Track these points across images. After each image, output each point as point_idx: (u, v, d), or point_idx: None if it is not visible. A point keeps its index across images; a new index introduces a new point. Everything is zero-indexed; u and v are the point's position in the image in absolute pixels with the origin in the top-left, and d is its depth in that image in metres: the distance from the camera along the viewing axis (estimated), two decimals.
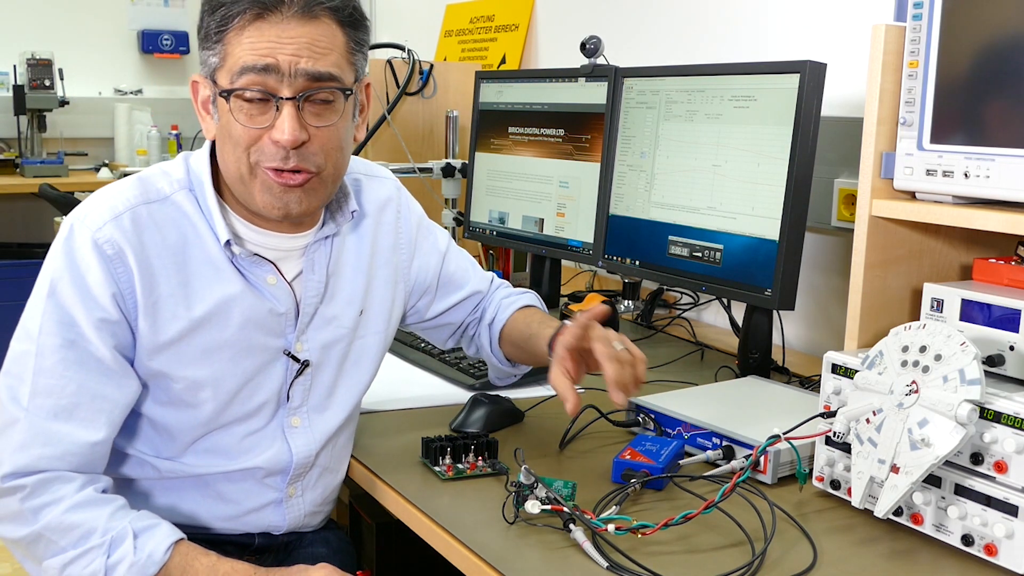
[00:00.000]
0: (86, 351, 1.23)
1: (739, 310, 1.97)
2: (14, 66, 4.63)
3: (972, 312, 1.28)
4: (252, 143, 1.24)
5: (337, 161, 1.29)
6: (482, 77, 2.51)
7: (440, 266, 1.56)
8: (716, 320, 2.35)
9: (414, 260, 1.53)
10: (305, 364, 1.37)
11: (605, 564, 1.11)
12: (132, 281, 1.25)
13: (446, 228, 2.64)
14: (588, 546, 1.14)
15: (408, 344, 1.98)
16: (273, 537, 1.43)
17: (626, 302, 2.38)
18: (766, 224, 1.72)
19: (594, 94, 2.17)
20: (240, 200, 1.31)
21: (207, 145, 1.34)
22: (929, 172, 1.35)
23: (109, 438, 1.26)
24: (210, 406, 1.31)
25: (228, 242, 1.28)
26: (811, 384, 1.77)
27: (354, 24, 1.27)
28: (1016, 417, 1.09)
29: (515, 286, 2.62)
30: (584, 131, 2.20)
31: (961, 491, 1.14)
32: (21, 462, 1.21)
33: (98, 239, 1.24)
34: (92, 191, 1.34)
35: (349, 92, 1.27)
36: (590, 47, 2.16)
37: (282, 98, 1.22)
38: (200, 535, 1.34)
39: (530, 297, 1.64)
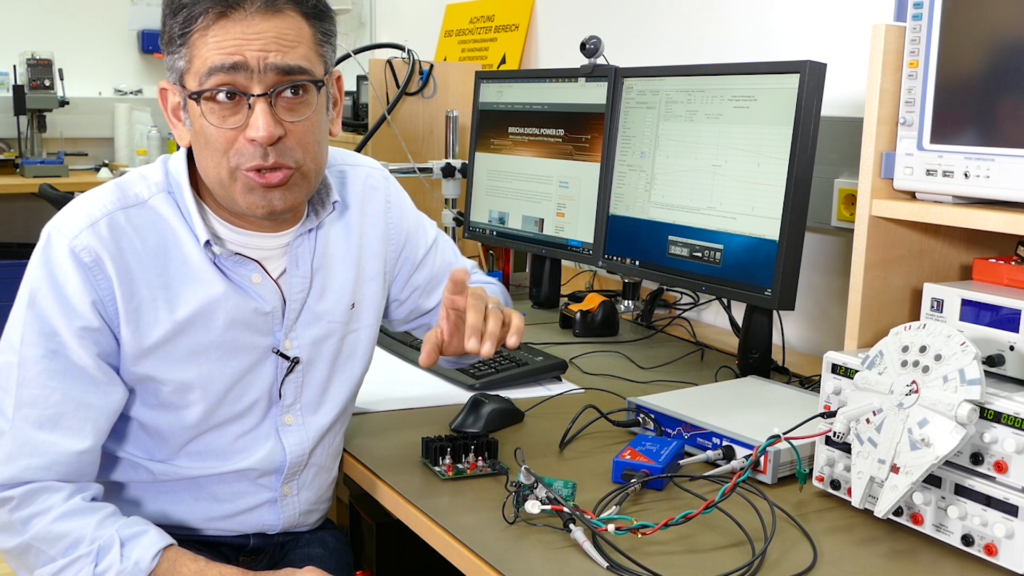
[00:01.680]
0: (68, 360, 1.23)
1: (739, 310, 1.98)
2: (14, 66, 4.63)
3: (972, 312, 1.28)
4: (229, 147, 1.22)
5: (316, 155, 1.28)
6: (482, 77, 2.51)
7: (434, 259, 1.55)
8: (716, 320, 2.35)
9: (403, 251, 1.51)
10: (295, 361, 1.36)
11: (605, 564, 1.11)
12: (111, 288, 1.24)
13: (446, 228, 2.64)
14: (588, 546, 1.14)
15: (408, 344, 1.98)
16: (268, 538, 1.43)
17: (626, 302, 2.38)
18: (766, 224, 1.72)
19: (594, 94, 2.17)
20: (222, 204, 1.30)
21: (184, 148, 1.32)
22: (929, 172, 1.35)
23: (96, 446, 1.26)
24: (199, 408, 1.30)
25: (208, 243, 1.27)
26: (811, 384, 1.77)
27: (319, 15, 1.25)
28: (1016, 417, 1.09)
29: (515, 286, 2.65)
30: (584, 131, 2.20)
31: (961, 491, 1.14)
32: (8, 474, 1.21)
33: (75, 247, 1.23)
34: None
35: (321, 84, 1.25)
36: (590, 47, 2.16)
37: (253, 95, 1.20)
38: (194, 538, 1.34)
39: (493, 289, 1.59)
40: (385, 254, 1.47)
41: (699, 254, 1.85)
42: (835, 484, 1.29)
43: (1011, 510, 1.09)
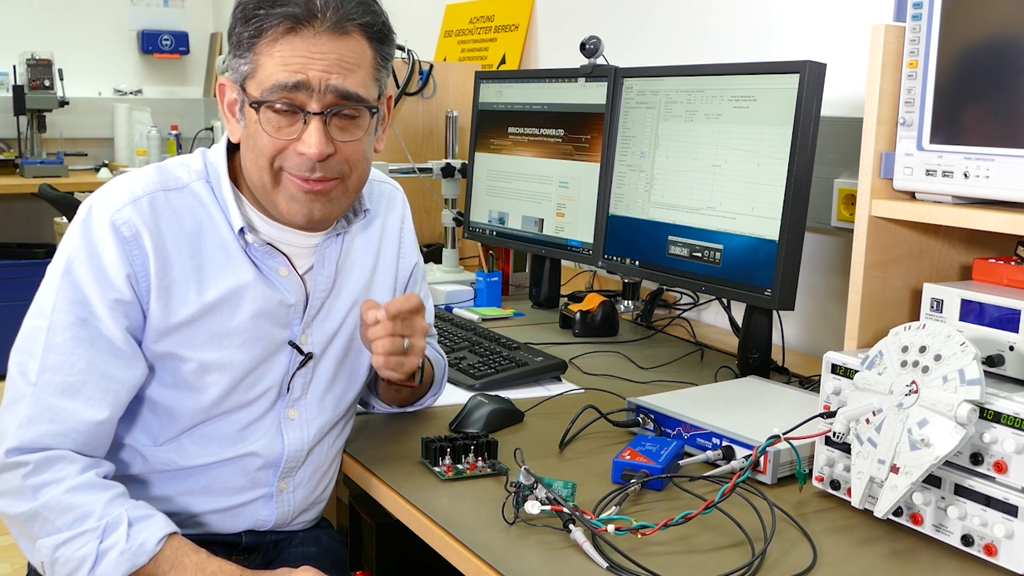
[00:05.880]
0: (97, 330, 1.25)
1: (739, 310, 1.97)
2: (14, 66, 4.63)
3: (972, 312, 1.28)
4: (277, 153, 1.27)
5: (361, 171, 1.33)
6: (482, 77, 2.51)
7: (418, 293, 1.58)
8: (716, 320, 2.35)
9: (410, 277, 1.55)
10: (308, 356, 1.38)
11: (605, 564, 1.11)
12: (147, 263, 1.27)
13: (446, 228, 2.65)
14: (588, 546, 1.14)
15: None
16: (260, 535, 1.44)
17: (626, 302, 2.38)
18: (766, 224, 1.72)
19: (594, 94, 2.17)
20: (263, 204, 1.34)
21: (224, 139, 1.37)
22: (929, 172, 1.35)
23: (113, 418, 1.28)
24: (215, 390, 1.32)
25: (242, 230, 1.31)
26: (811, 384, 1.77)
27: (382, 39, 1.30)
28: (1016, 417, 1.09)
29: (515, 286, 2.64)
30: (584, 131, 2.20)
31: (961, 491, 1.14)
32: (26, 437, 1.22)
33: (116, 220, 1.26)
34: (92, 191, 1.35)
35: (375, 110, 1.30)
36: (590, 47, 2.16)
37: (310, 112, 1.24)
38: (186, 534, 1.34)
39: (437, 359, 1.62)
40: (396, 273, 1.52)
41: (699, 254, 1.85)
42: (835, 484, 1.29)
43: (1011, 510, 1.09)
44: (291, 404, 1.39)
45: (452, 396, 1.70)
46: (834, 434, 1.24)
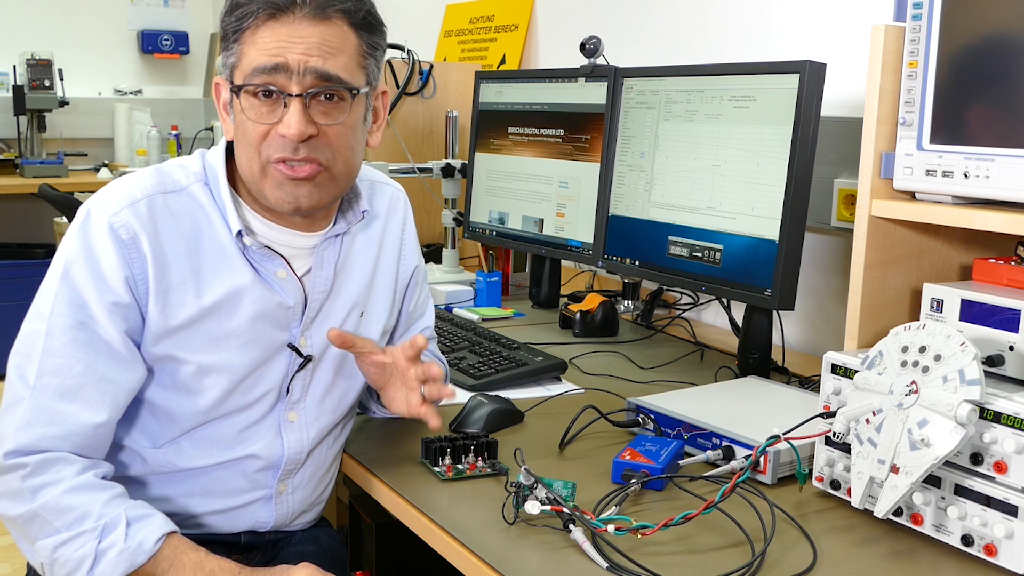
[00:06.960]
0: (95, 333, 1.25)
1: (739, 310, 1.97)
2: (14, 66, 4.63)
3: (972, 312, 1.28)
4: (262, 140, 1.27)
5: (347, 159, 1.31)
6: (482, 77, 2.51)
7: (416, 297, 1.59)
8: (716, 320, 2.35)
9: (410, 279, 1.55)
10: (308, 359, 1.38)
11: (605, 564, 1.11)
12: (145, 266, 1.27)
13: (446, 228, 2.65)
14: (588, 547, 1.14)
15: None
16: (259, 535, 1.44)
17: (626, 302, 2.38)
18: (766, 224, 1.72)
19: (594, 94, 2.17)
20: (255, 196, 1.34)
21: (223, 142, 1.37)
22: (929, 172, 1.35)
23: (112, 421, 1.28)
24: (214, 393, 1.32)
25: (240, 233, 1.31)
26: (811, 384, 1.77)
27: (368, 28, 1.29)
28: (1016, 417, 1.09)
29: (515, 286, 2.64)
30: (584, 131, 2.20)
31: (961, 491, 1.14)
32: (24, 440, 1.22)
33: (114, 223, 1.26)
34: (92, 191, 1.35)
35: (356, 92, 1.28)
36: (590, 47, 2.16)
37: (290, 95, 1.24)
38: (185, 534, 1.34)
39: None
40: (396, 275, 1.51)
41: (699, 254, 1.85)
42: (835, 484, 1.29)
43: (1011, 510, 1.09)
44: (290, 407, 1.39)
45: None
46: (834, 434, 1.24)
